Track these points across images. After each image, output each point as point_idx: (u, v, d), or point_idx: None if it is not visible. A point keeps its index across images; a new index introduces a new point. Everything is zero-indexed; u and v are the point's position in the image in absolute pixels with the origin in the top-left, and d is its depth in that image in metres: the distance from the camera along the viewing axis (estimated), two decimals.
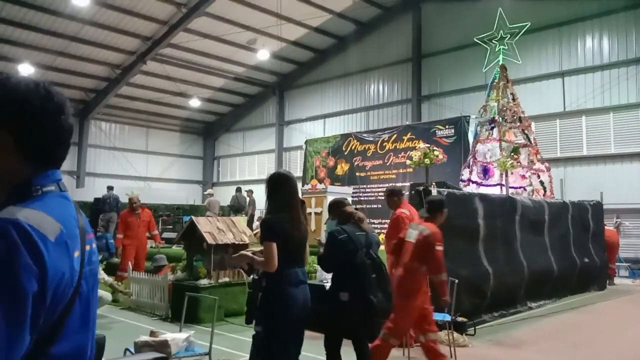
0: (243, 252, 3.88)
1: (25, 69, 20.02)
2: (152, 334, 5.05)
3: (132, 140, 26.37)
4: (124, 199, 15.31)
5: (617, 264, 14.72)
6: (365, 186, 17.29)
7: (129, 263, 9.47)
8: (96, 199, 16.83)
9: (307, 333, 3.76)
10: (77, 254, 1.20)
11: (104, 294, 8.36)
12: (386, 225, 16.40)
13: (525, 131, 12.36)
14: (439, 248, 4.92)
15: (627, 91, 15.65)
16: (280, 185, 3.76)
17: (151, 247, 11.25)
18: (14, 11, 17.81)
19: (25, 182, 1.22)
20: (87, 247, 1.28)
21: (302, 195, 11.72)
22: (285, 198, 3.72)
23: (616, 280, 13.51)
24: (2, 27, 18.39)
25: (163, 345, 4.58)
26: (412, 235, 5.09)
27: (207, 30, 20.38)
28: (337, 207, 4.77)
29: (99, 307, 7.08)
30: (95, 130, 25.10)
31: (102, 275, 8.32)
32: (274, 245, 3.51)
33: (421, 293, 4.93)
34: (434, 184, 7.92)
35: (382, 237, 16.67)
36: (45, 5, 17.71)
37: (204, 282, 7.66)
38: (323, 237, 7.00)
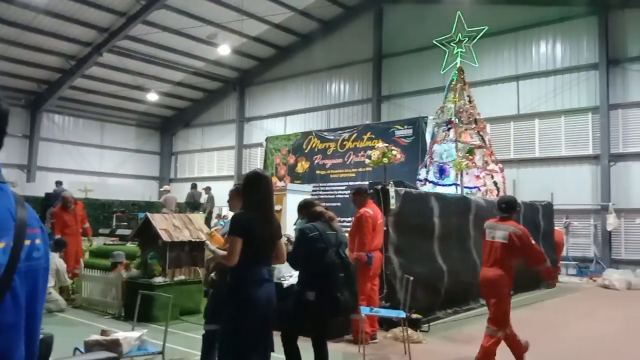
0: (208, 244, 3.89)
1: None
2: (104, 332, 4.94)
3: (86, 134, 25.59)
4: (77, 195, 14.91)
5: (566, 262, 15.31)
6: (325, 184, 17.36)
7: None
8: (47, 194, 16.31)
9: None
10: (2, 245, 1.16)
11: (61, 299, 8.15)
12: (345, 223, 16.51)
13: (481, 133, 12.67)
14: (533, 241, 5.49)
15: (578, 96, 16.25)
16: (254, 184, 3.79)
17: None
18: None
19: None
20: (27, 242, 1.24)
21: None
22: (259, 197, 3.75)
23: (565, 278, 14.03)
24: None
25: (114, 344, 4.49)
26: (500, 235, 5.52)
27: (166, 23, 20.00)
28: (307, 207, 4.80)
29: (52, 310, 6.88)
30: (48, 123, 24.25)
31: (64, 276, 8.12)
32: (239, 240, 3.54)
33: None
34: (392, 182, 8.01)
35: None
36: None
37: (158, 280, 7.54)
38: (292, 235, 7.03)
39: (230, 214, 4.64)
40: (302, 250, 4.45)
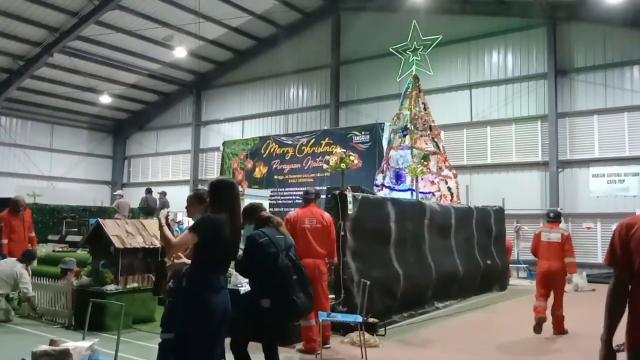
0: (163, 222, 3.77)
1: None
2: (52, 342, 4.76)
3: (35, 137, 24.66)
4: (27, 200, 14.34)
5: (517, 265, 15.77)
6: (283, 189, 17.33)
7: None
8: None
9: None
10: None
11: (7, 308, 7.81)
12: None
13: (435, 139, 12.94)
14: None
15: (527, 104, 16.84)
16: (225, 191, 3.75)
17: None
18: None
19: None
20: None
21: None
22: (229, 203, 3.70)
23: (516, 281, 14.45)
24: None
25: (64, 355, 4.34)
26: (555, 237, 7.81)
27: (120, 24, 19.55)
28: (253, 212, 4.73)
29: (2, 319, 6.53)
30: None
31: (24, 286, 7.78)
32: (193, 238, 3.50)
33: None
34: (349, 188, 8.07)
35: None
36: None
37: (110, 287, 7.32)
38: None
39: (187, 220, 4.57)
40: (252, 257, 4.36)
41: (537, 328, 7.37)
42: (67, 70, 21.64)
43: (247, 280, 6.79)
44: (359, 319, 6.09)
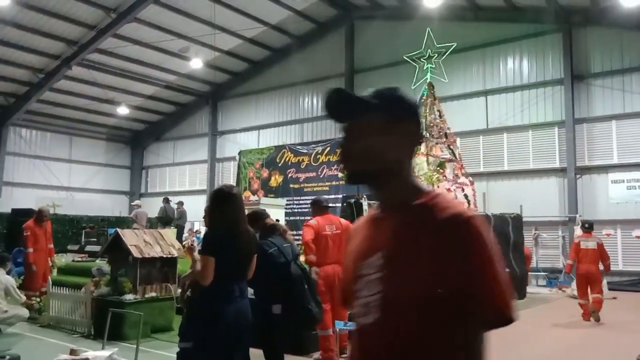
0: (194, 249, 3.83)
1: None
2: (73, 352, 4.82)
3: (54, 149, 25.05)
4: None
5: (535, 273, 15.60)
6: (299, 198, 17.38)
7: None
8: (14, 210, 15.91)
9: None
10: None
11: (21, 309, 7.91)
12: None
13: (451, 146, 12.90)
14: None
15: (544, 110, 16.69)
16: (222, 201, 3.75)
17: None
18: None
19: None
20: None
21: None
22: (227, 214, 3.71)
23: (535, 288, 14.28)
24: None
25: None
26: (591, 244, 9.42)
27: (137, 36, 19.84)
28: (258, 219, 4.69)
29: (14, 323, 6.73)
30: (15, 137, 23.67)
31: (15, 292, 7.85)
32: (212, 260, 3.50)
33: None
34: (365, 196, 8.07)
35: None
36: None
37: (129, 297, 7.39)
38: None
39: (204, 230, 4.59)
40: (261, 266, 4.27)
41: (595, 317, 9.12)
42: (85, 83, 21.99)
43: None
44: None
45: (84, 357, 4.51)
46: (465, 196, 12.33)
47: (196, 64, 20.59)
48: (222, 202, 3.75)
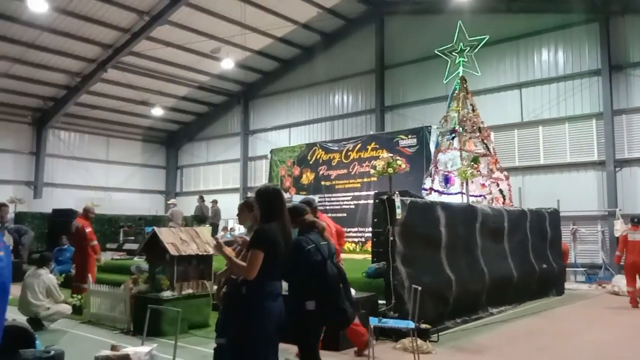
0: (222, 246, 3.82)
1: None
2: (114, 348, 4.95)
3: (92, 150, 25.74)
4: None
5: (574, 269, 15.25)
6: (330, 195, 17.40)
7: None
8: (55, 210, 16.41)
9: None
10: None
11: (63, 306, 8.15)
12: (352, 234, 16.54)
13: (485, 141, 12.68)
14: None
15: (581, 102, 16.25)
16: (273, 199, 3.80)
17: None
18: None
19: None
20: None
21: None
22: (279, 211, 3.75)
23: (574, 285, 13.96)
24: None
25: None
26: (639, 237, 10.33)
27: (170, 38, 20.18)
28: (297, 215, 4.70)
29: (57, 319, 6.94)
30: (54, 139, 24.41)
31: (56, 290, 8.09)
32: (261, 254, 3.52)
33: None
34: (397, 192, 8.01)
35: (348, 245, 16.73)
36: (0, 11, 17.21)
37: (166, 294, 7.54)
38: None
39: (238, 227, 4.64)
40: (298, 262, 4.26)
41: None
42: (120, 85, 22.50)
43: None
44: (411, 324, 6.03)
45: (125, 352, 4.63)
46: (501, 191, 12.12)
47: (227, 64, 20.81)
48: (270, 200, 3.78)
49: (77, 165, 24.99)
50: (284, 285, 6.13)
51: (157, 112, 24.68)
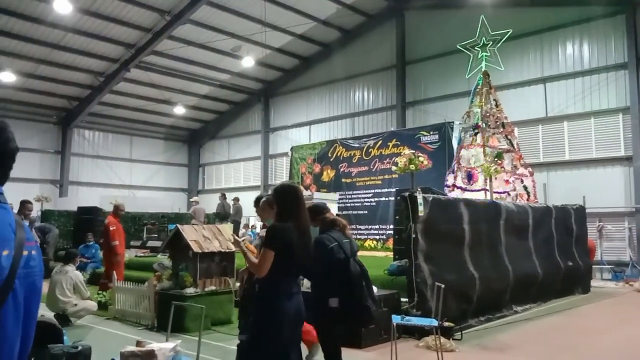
0: (239, 242, 3.85)
1: (7, 77, 19.80)
2: (139, 344, 5.00)
3: (116, 149, 26.13)
4: (109, 209, 15.18)
5: (600, 266, 14.97)
6: (351, 192, 17.35)
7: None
8: (80, 208, 16.67)
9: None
10: (5, 252, 1.42)
11: (89, 302, 8.29)
12: (373, 232, 16.51)
13: (509, 136, 12.51)
14: None
15: (607, 96, 15.92)
16: (290, 196, 3.78)
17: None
18: None
19: None
20: (25, 252, 1.50)
21: None
22: (295, 209, 3.73)
23: (600, 282, 13.71)
24: None
25: (150, 355, 4.55)
26: None
27: (191, 37, 20.33)
28: (318, 213, 4.68)
29: (83, 316, 7.04)
30: (79, 138, 24.84)
31: (83, 287, 8.22)
32: (272, 254, 3.53)
33: None
34: (419, 189, 7.95)
35: (369, 242, 16.70)
36: (27, 12, 17.54)
37: (190, 290, 7.61)
38: None
39: (259, 224, 4.64)
40: (320, 260, 4.28)
41: None
42: (143, 84, 22.76)
43: None
44: (435, 322, 5.98)
45: (150, 348, 4.67)
46: (525, 188, 11.95)
47: (248, 62, 20.90)
48: (287, 198, 3.78)
49: (101, 164, 25.39)
50: (306, 282, 6.19)
51: (179, 110, 24.91)
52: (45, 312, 7.40)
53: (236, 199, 18.03)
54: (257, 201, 4.97)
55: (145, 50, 20.11)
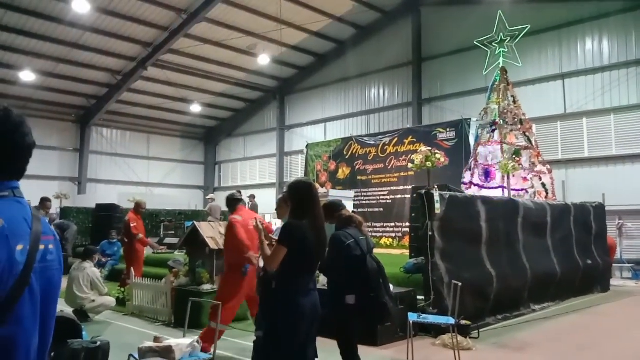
0: (262, 230, 3.86)
1: (27, 76, 20.09)
2: (156, 339, 5.04)
3: (133, 146, 26.38)
4: (127, 205, 15.35)
5: (620, 265, 14.74)
6: (367, 190, 17.32)
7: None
8: (98, 205, 16.85)
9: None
10: (20, 247, 1.41)
11: (107, 299, 8.38)
12: (389, 229, 16.44)
13: (527, 133, 12.38)
14: None
15: (627, 92, 15.65)
16: (305, 193, 3.77)
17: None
18: (15, 19, 17.86)
19: None
20: (42, 247, 1.49)
21: None
22: (310, 206, 3.72)
23: (619, 281, 13.51)
24: (3, 34, 18.45)
25: (167, 351, 4.58)
26: None
27: (207, 35, 20.42)
28: (334, 211, 4.65)
29: (101, 312, 7.12)
30: (97, 136, 25.13)
31: (100, 283, 8.30)
32: (284, 250, 3.54)
33: None
34: (436, 187, 7.90)
35: (384, 240, 16.63)
36: (46, 12, 17.77)
37: (206, 287, 7.65)
38: None
39: (276, 222, 4.64)
40: (337, 257, 4.28)
41: None
42: (160, 83, 22.93)
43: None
44: (452, 321, 5.94)
45: (167, 344, 4.70)
46: (543, 185, 11.81)
47: (264, 60, 20.93)
48: (302, 195, 3.77)
49: (119, 162, 25.66)
50: (322, 279, 6.19)
51: (196, 108, 25.06)
52: (64, 308, 7.50)
53: (252, 197, 18.08)
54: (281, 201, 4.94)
55: (162, 48, 20.24)
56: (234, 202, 6.40)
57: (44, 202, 9.33)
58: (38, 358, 1.51)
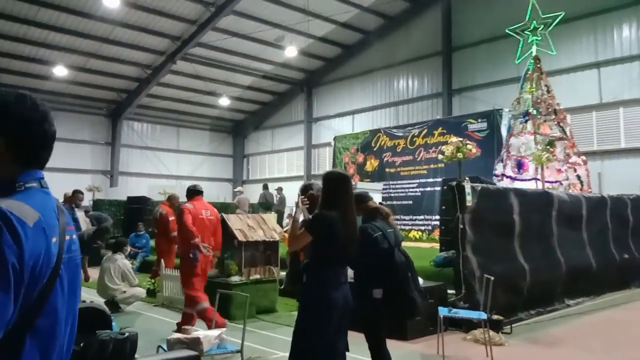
0: (300, 206, 3.85)
1: (60, 71, 20.48)
2: (185, 331, 5.06)
3: (163, 140, 26.73)
4: (158, 198, 15.55)
5: None
6: (395, 182, 17.15)
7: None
8: (129, 198, 17.12)
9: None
10: (54, 239, 1.41)
11: (138, 290, 8.48)
12: (418, 222, 16.24)
13: (561, 124, 12.04)
14: None
15: None
16: (338, 184, 3.73)
17: None
18: (48, 15, 18.21)
19: (11, 179, 1.44)
20: (67, 237, 1.50)
21: None
22: (343, 197, 3.68)
23: None
24: (37, 30, 18.84)
25: (195, 343, 4.58)
26: None
27: (235, 28, 20.47)
28: (360, 202, 4.56)
29: (132, 302, 7.20)
30: (128, 130, 25.53)
31: (131, 274, 8.40)
32: (308, 237, 3.54)
33: None
34: (467, 178, 7.73)
35: (413, 233, 16.46)
36: (77, 8, 18.06)
37: (235, 279, 7.67)
38: None
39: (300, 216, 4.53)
40: (365, 250, 4.16)
41: None
42: (189, 76, 23.11)
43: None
44: (483, 315, 5.80)
45: (196, 336, 4.71)
46: (578, 177, 11.48)
47: (291, 52, 20.88)
48: (336, 186, 3.71)
49: (149, 155, 26.03)
50: (350, 272, 6.11)
51: (224, 102, 25.20)
52: (95, 299, 7.62)
53: (280, 189, 18.11)
54: (304, 190, 4.89)
55: (190, 42, 20.39)
56: (192, 193, 6.93)
57: (76, 194, 9.43)
58: (66, 348, 1.53)
